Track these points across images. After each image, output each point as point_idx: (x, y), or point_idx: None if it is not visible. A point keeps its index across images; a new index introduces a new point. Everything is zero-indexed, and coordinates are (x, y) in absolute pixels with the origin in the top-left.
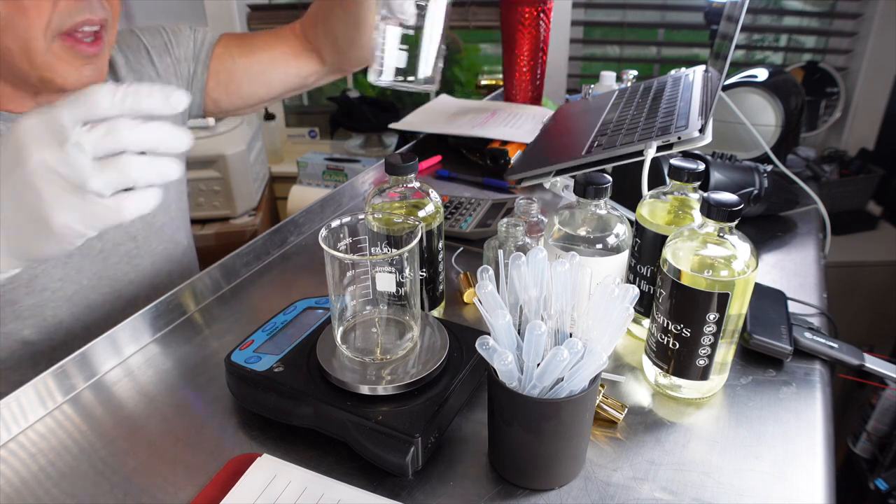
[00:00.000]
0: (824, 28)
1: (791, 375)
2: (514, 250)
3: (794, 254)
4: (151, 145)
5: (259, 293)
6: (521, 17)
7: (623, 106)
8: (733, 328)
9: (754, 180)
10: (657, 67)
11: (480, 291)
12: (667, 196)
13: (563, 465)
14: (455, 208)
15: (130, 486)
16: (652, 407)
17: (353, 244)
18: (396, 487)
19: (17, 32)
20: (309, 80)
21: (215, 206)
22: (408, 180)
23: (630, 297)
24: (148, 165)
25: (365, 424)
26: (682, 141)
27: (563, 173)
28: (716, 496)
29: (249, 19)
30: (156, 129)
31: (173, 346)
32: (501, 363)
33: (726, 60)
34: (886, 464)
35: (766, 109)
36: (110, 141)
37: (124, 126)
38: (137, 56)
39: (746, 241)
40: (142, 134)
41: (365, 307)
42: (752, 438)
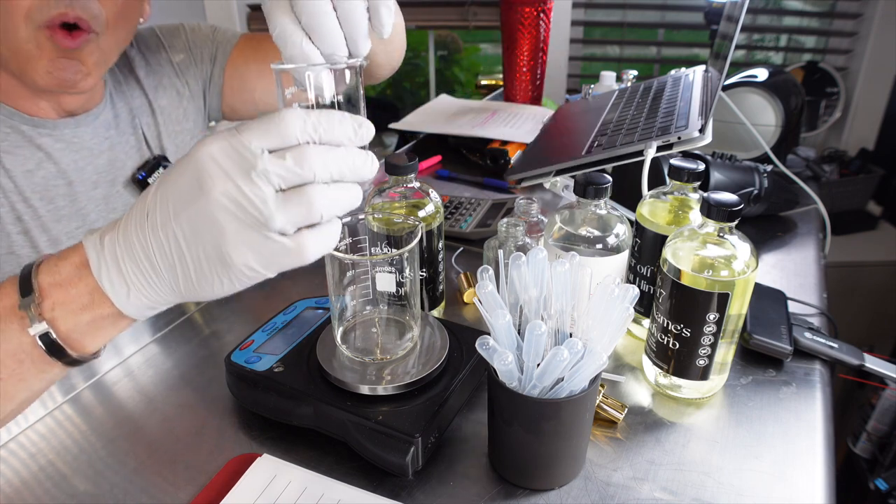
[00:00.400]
0: (824, 28)
1: (791, 375)
2: (514, 250)
3: (794, 254)
4: (340, 174)
5: (259, 293)
6: (521, 17)
7: (623, 106)
8: (733, 328)
9: (754, 180)
10: (657, 67)
11: (480, 291)
12: (667, 196)
13: (563, 465)
14: (455, 208)
15: (130, 486)
16: (652, 407)
17: (353, 244)
18: (396, 487)
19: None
20: None
21: None
22: (408, 180)
23: (630, 297)
24: (334, 197)
25: (365, 424)
26: (682, 141)
27: (563, 173)
28: (716, 496)
29: (249, 19)
30: (346, 157)
31: (173, 346)
32: (501, 363)
33: (726, 60)
34: (886, 464)
35: (766, 109)
36: (299, 171)
37: (314, 154)
38: (157, 56)
39: (746, 241)
40: (332, 163)
41: (365, 307)
42: (752, 438)
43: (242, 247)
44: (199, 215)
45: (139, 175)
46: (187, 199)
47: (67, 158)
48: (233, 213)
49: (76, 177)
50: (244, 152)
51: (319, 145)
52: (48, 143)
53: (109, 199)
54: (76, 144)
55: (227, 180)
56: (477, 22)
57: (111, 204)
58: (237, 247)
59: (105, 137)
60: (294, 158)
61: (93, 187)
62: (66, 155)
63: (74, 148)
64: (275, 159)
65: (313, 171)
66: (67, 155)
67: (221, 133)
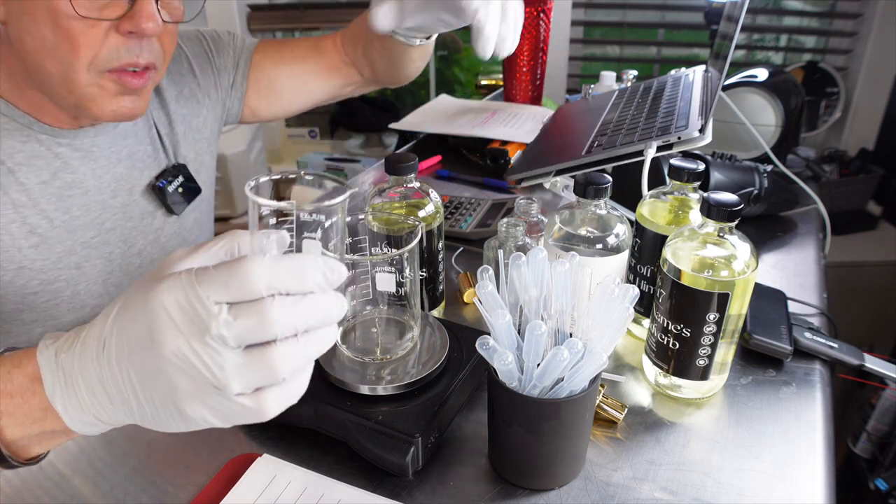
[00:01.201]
0: (824, 28)
1: (791, 375)
2: (514, 250)
3: (794, 254)
4: (307, 326)
5: None
6: None
7: (623, 106)
8: (733, 328)
9: (754, 180)
10: (657, 67)
11: (480, 291)
12: (667, 196)
13: (563, 465)
14: (455, 208)
15: (130, 486)
16: (652, 407)
17: (354, 244)
18: (396, 487)
19: (60, 60)
20: (347, 90)
21: (215, 206)
22: (408, 180)
23: (630, 297)
24: (299, 354)
25: (365, 424)
26: (682, 141)
27: (563, 173)
28: (716, 496)
29: (249, 19)
30: (313, 308)
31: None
32: (501, 363)
33: (726, 60)
34: (886, 464)
35: (766, 109)
36: (260, 332)
37: (278, 313)
38: (178, 67)
39: (746, 241)
40: (298, 318)
41: (365, 307)
42: (752, 438)
43: (196, 403)
44: (150, 366)
45: (159, 183)
46: (139, 346)
47: (85, 167)
48: (185, 372)
49: (93, 186)
50: (200, 310)
51: (285, 298)
52: (66, 152)
53: (127, 208)
54: (94, 153)
55: (179, 338)
56: None
57: (129, 212)
58: (191, 403)
59: (123, 146)
60: (255, 319)
61: (111, 196)
62: (83, 164)
63: (93, 157)
64: (233, 321)
65: (275, 331)
66: (85, 164)
67: (179, 278)
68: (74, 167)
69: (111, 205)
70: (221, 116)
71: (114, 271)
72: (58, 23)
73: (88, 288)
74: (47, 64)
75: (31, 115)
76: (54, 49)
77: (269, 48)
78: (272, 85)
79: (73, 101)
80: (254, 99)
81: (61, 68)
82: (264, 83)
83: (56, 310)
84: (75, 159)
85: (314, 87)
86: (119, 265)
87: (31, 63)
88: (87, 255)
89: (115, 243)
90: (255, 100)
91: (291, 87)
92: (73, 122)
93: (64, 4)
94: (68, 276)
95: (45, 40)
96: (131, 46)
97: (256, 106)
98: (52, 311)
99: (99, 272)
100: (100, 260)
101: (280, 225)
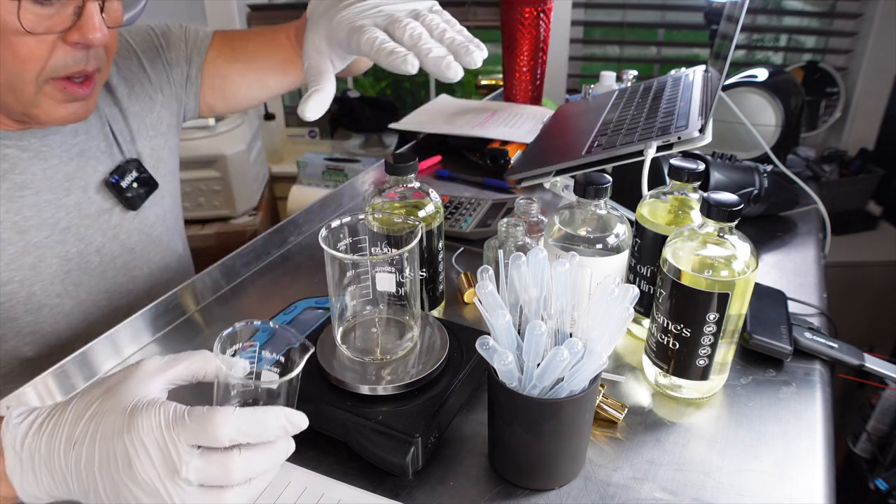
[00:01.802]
0: (824, 28)
1: (791, 375)
2: (514, 250)
3: (794, 254)
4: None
5: (259, 293)
6: (521, 17)
7: (623, 106)
8: (733, 328)
9: (754, 180)
10: (657, 67)
11: (480, 291)
12: (667, 196)
13: (563, 465)
14: (455, 208)
15: None
16: (652, 407)
17: (353, 244)
18: (396, 487)
19: (6, 72)
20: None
21: (215, 206)
22: (408, 180)
23: (630, 297)
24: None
25: (365, 424)
26: (682, 141)
27: (563, 173)
28: (716, 496)
29: (249, 19)
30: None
31: (173, 346)
32: (501, 363)
33: (726, 60)
34: (886, 464)
35: (766, 109)
36: (220, 479)
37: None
38: (128, 63)
39: (746, 241)
40: (253, 467)
41: (365, 307)
42: (752, 438)
43: None
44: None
45: (112, 179)
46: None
47: (35, 167)
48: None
49: (45, 185)
50: (174, 454)
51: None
52: (14, 153)
53: (82, 206)
54: (44, 153)
55: (153, 472)
56: (477, 22)
57: (84, 210)
58: None
59: (74, 143)
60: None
61: (64, 194)
62: (33, 164)
63: (43, 156)
64: (200, 467)
65: (232, 480)
66: (35, 164)
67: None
68: (24, 167)
69: (65, 203)
70: (178, 112)
71: (72, 270)
72: (4, 37)
73: (45, 288)
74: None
75: None
76: (1, 62)
77: (224, 44)
78: (226, 83)
79: (20, 109)
80: (209, 95)
81: (8, 79)
82: (219, 80)
83: (13, 311)
84: (24, 160)
85: (270, 81)
86: (77, 264)
87: None
88: (42, 255)
89: (71, 242)
90: (210, 96)
91: (248, 84)
92: (20, 125)
93: (10, 20)
94: (22, 278)
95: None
96: (78, 56)
97: (212, 102)
98: (8, 312)
99: (55, 272)
100: (55, 259)
101: None
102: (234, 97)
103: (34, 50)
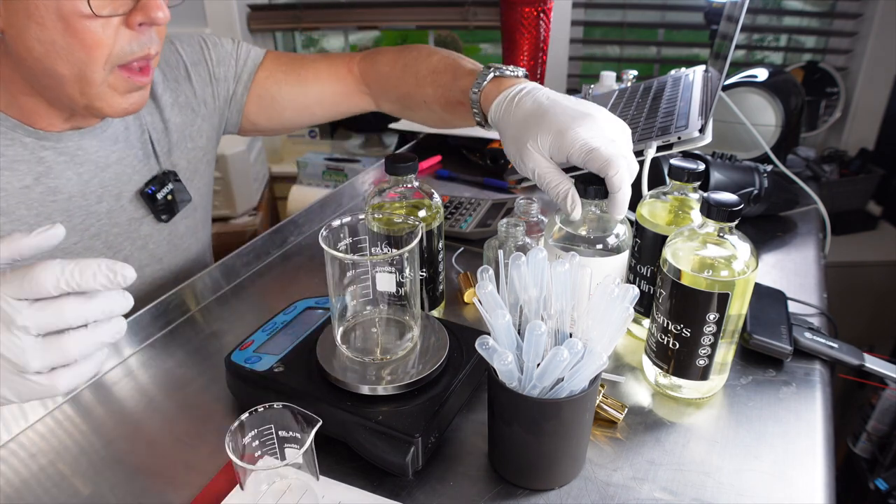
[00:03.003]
0: (824, 28)
1: (791, 375)
2: (514, 250)
3: (794, 254)
4: (96, 318)
5: (259, 293)
6: (521, 17)
7: (623, 106)
8: (733, 328)
9: (754, 180)
10: (657, 67)
11: (480, 291)
12: (667, 196)
13: (563, 465)
14: (455, 208)
15: (130, 487)
16: (652, 407)
17: (353, 244)
18: (396, 487)
19: (74, 62)
20: (355, 112)
21: (215, 206)
22: (408, 180)
23: (630, 297)
24: (89, 340)
25: (365, 424)
26: (682, 141)
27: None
28: (716, 496)
29: (249, 19)
30: (101, 305)
31: (173, 346)
32: (501, 363)
33: (726, 60)
34: (886, 464)
35: (766, 109)
36: (56, 323)
37: (69, 309)
38: (175, 73)
39: (746, 241)
40: (88, 312)
41: (365, 307)
42: (752, 438)
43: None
44: None
45: (148, 190)
46: None
47: (70, 171)
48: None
49: (77, 191)
50: (6, 308)
51: (79, 296)
52: (50, 156)
53: (113, 214)
54: (80, 157)
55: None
56: (477, 22)
57: (114, 218)
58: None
59: (112, 151)
60: (51, 312)
61: (97, 201)
62: (68, 168)
63: (78, 161)
64: (33, 313)
65: (68, 322)
66: (70, 168)
67: None
68: (58, 172)
69: (96, 210)
70: (219, 126)
71: None
72: (70, 24)
73: None
74: (59, 67)
75: (18, 120)
76: (67, 52)
77: (278, 64)
78: (274, 103)
79: (84, 102)
80: (253, 113)
81: (75, 70)
82: (267, 101)
83: None
84: (60, 164)
85: (318, 111)
86: None
87: (40, 69)
88: None
89: (99, 249)
90: (254, 114)
91: (295, 108)
92: (63, 124)
93: (78, 4)
94: None
95: (56, 44)
96: (142, 39)
97: (256, 121)
98: None
99: None
100: None
101: None
102: (280, 119)
103: (100, 35)
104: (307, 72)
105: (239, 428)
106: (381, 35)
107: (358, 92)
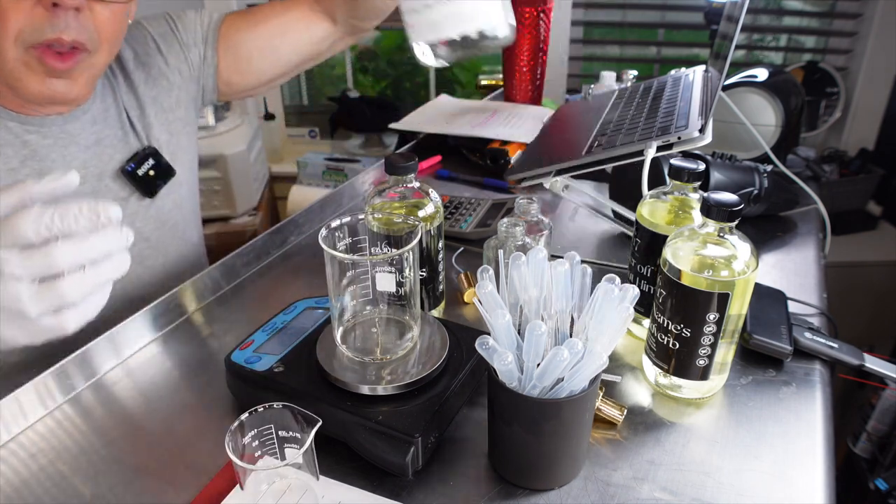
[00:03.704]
0: (824, 28)
1: (791, 375)
2: (514, 250)
3: (794, 254)
4: (91, 259)
5: (259, 293)
6: (521, 17)
7: (623, 106)
8: (733, 328)
9: (754, 180)
10: (657, 67)
11: (480, 291)
12: (667, 196)
13: (563, 465)
14: (455, 208)
15: (130, 486)
16: (652, 407)
17: (353, 244)
18: (396, 487)
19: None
20: (322, 46)
21: (215, 206)
22: (408, 180)
23: (630, 297)
24: (86, 283)
25: (365, 424)
26: (682, 141)
27: (563, 173)
28: (716, 496)
29: None
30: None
31: (173, 346)
32: (501, 363)
33: (726, 60)
34: (886, 464)
35: (766, 109)
36: (47, 268)
37: (59, 254)
38: (145, 48)
39: (746, 241)
40: (80, 255)
41: (365, 307)
42: (752, 438)
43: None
44: None
45: (128, 167)
46: None
47: (55, 154)
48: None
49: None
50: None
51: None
52: (35, 139)
53: (97, 193)
54: (64, 140)
55: None
56: None
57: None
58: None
59: (92, 132)
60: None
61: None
62: (54, 151)
63: (63, 143)
64: (22, 261)
65: (60, 267)
66: (55, 150)
67: None
68: (44, 154)
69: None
70: (197, 95)
71: None
72: None
73: None
74: None
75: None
76: None
77: (236, 16)
78: (239, 53)
79: (7, 81)
80: (226, 71)
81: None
82: (232, 52)
83: None
84: (45, 147)
85: (282, 46)
86: None
87: None
88: None
89: None
90: (227, 72)
91: (261, 52)
92: (39, 109)
93: None
94: None
95: None
96: (56, 22)
97: (230, 78)
98: None
99: None
100: None
101: None
102: (249, 69)
103: (12, 10)
104: (262, 11)
105: (239, 428)
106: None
107: (312, 13)
